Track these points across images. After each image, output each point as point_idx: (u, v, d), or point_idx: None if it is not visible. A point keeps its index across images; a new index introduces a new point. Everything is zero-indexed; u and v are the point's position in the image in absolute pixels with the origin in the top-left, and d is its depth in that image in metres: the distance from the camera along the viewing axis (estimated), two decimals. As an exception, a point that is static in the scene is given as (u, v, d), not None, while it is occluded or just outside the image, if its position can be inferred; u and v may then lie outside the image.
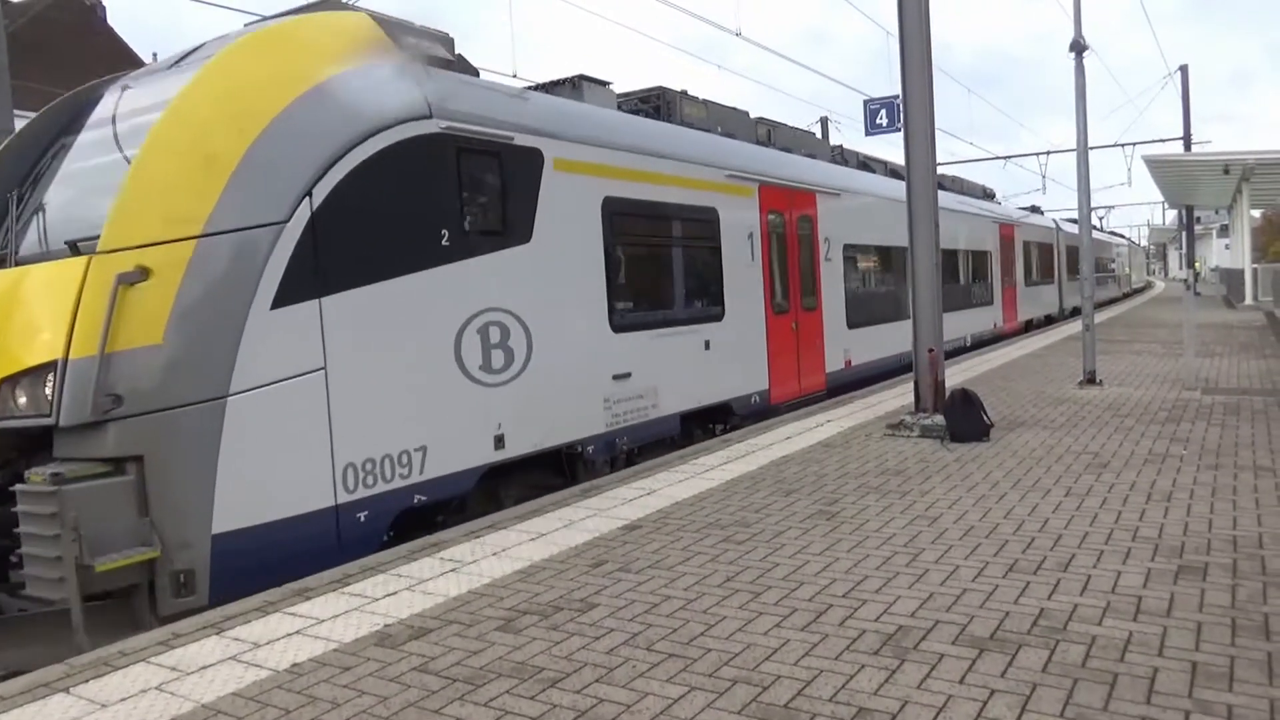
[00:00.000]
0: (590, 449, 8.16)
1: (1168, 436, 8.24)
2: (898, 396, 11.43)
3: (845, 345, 13.14)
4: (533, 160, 7.68)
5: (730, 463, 8.03)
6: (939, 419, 8.87)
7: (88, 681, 3.99)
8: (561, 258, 7.89)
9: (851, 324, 13.40)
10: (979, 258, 20.11)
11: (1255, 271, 31.63)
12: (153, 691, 3.86)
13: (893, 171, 17.12)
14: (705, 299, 10.05)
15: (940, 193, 17.36)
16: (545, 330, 7.60)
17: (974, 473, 7.19)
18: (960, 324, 18.30)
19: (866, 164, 16.35)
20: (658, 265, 9.54)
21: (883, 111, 17.11)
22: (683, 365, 9.42)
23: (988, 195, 24.42)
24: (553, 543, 5.81)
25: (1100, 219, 53.97)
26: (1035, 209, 31.35)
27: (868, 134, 17.47)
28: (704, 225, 10.05)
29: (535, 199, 7.66)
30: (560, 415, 7.79)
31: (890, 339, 14.64)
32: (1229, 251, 48.79)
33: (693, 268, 9.95)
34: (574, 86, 9.44)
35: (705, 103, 11.45)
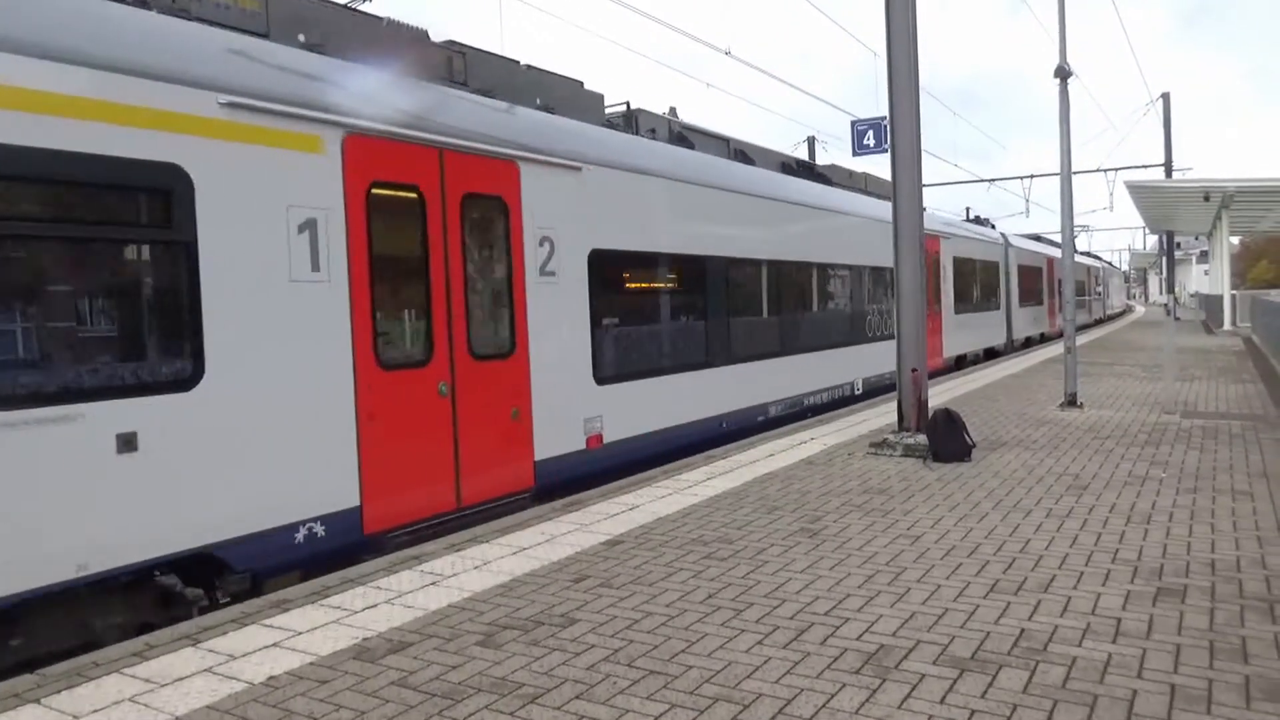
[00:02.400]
0: None
1: (1147, 459, 8.30)
2: (881, 415, 11.47)
3: (591, 412, 8.50)
4: None
5: (714, 479, 8.02)
6: (921, 438, 8.91)
7: (60, 692, 3.92)
8: None
9: (608, 377, 8.77)
10: (881, 276, 15.42)
11: (1234, 297, 32.02)
12: (126, 703, 3.80)
13: (738, 152, 12.93)
14: (121, 352, 5.23)
15: (804, 184, 13.47)
16: None
17: (956, 492, 7.21)
18: (842, 366, 13.86)
19: (684, 136, 11.64)
20: None
21: (870, 132, 17.23)
22: (32, 494, 4.67)
23: None
24: (534, 557, 5.78)
25: (1074, 236, 52.67)
26: (980, 220, 27.08)
27: (855, 154, 17.56)
28: (134, 199, 5.33)
29: None
30: None
31: (701, 394, 10.27)
32: (1208, 277, 49.40)
33: (82, 287, 5.12)
34: None
35: None
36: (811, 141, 27.52)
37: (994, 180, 38.60)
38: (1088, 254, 50.95)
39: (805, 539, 5.97)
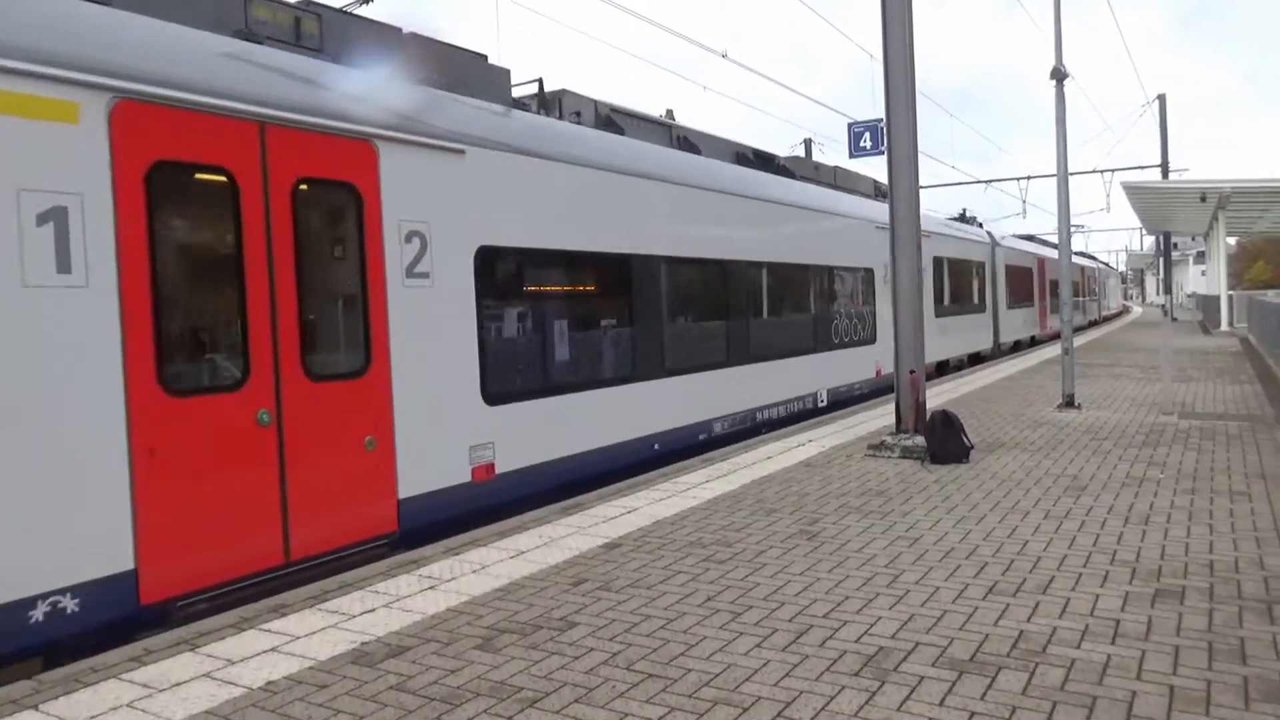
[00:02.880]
0: None
1: (1145, 460, 8.31)
2: (879, 417, 11.48)
3: (480, 438, 7.22)
4: None
5: (712, 481, 8.02)
6: (919, 440, 8.91)
7: (57, 698, 3.91)
8: None
9: (503, 396, 7.47)
10: (847, 277, 14.29)
11: (1230, 298, 32.06)
12: (124, 709, 3.80)
13: (682, 140, 11.71)
14: None
15: (759, 176, 12.30)
16: None
17: (954, 494, 7.22)
18: (802, 376, 12.65)
19: (612, 120, 10.39)
20: None
21: (866, 134, 17.26)
22: None
23: (881, 192, 17.47)
24: (532, 560, 5.78)
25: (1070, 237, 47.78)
26: (967, 218, 25.49)
27: (851, 156, 17.59)
28: None
29: None
30: None
31: (626, 412, 8.95)
32: (1205, 278, 49.47)
33: None
34: None
35: None
36: (808, 144, 27.53)
37: (991, 181, 38.72)
38: (1083, 254, 49.43)
39: (804, 541, 5.97)
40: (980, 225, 25.89)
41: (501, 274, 7.64)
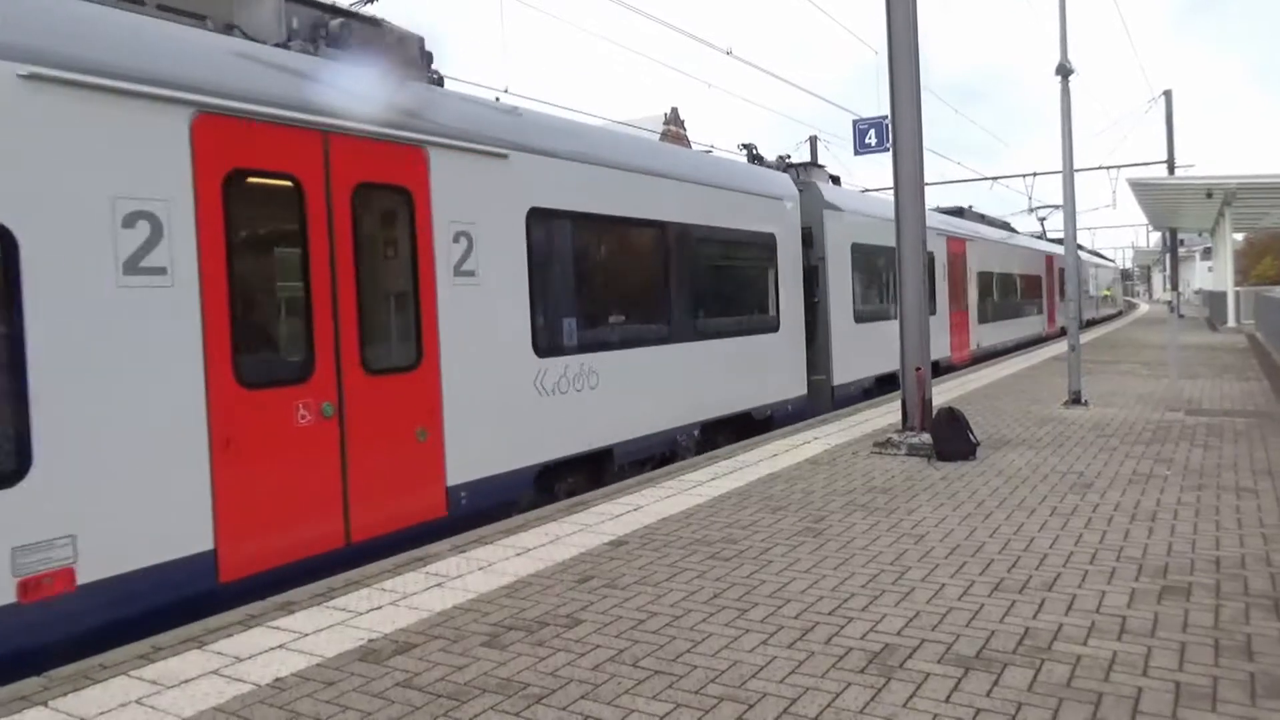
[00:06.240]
0: None
1: (1151, 457, 8.29)
2: (885, 415, 11.47)
3: None
4: None
5: (718, 479, 8.03)
6: (926, 437, 8.91)
7: (66, 695, 3.94)
8: None
9: None
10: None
11: (1237, 294, 31.95)
12: (133, 705, 3.82)
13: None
14: None
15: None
16: None
17: (960, 491, 7.21)
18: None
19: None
20: None
21: (871, 131, 17.24)
22: None
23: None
24: (539, 558, 5.79)
25: (1043, 220, 36.86)
26: (822, 167, 15.90)
27: (857, 153, 17.57)
28: None
29: None
30: None
31: None
32: (1212, 274, 49.33)
33: None
34: None
35: None
36: (814, 141, 27.48)
37: (998, 178, 38.51)
38: (1058, 240, 30.98)
39: (809, 538, 5.98)
40: (801, 172, 14.00)
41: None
